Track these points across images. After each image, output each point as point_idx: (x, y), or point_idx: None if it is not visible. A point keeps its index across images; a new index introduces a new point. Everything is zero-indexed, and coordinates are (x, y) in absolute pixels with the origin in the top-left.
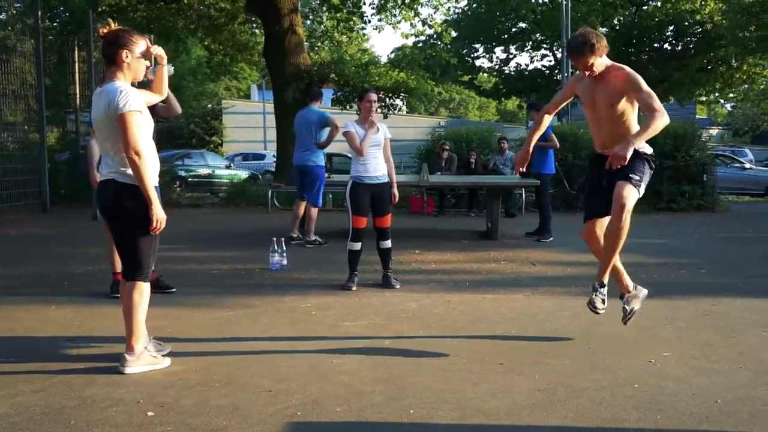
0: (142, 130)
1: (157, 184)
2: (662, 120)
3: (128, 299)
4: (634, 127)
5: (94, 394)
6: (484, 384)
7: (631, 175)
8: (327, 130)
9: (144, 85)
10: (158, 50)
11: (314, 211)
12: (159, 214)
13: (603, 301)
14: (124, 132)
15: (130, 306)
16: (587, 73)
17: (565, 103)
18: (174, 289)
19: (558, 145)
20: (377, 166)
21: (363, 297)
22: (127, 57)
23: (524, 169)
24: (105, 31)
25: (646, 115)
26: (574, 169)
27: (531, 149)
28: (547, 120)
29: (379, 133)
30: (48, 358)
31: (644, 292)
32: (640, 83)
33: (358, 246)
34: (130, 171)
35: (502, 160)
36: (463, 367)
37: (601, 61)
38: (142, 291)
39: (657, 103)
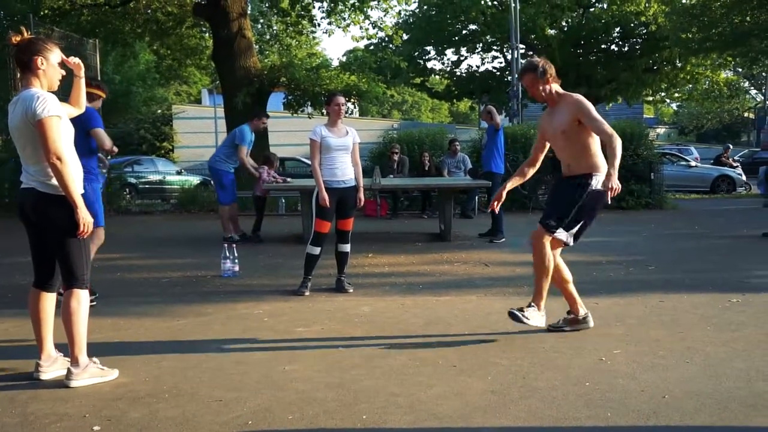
0: (63, 136)
1: (82, 191)
2: (618, 142)
3: (66, 308)
4: (593, 147)
5: (37, 409)
6: (437, 387)
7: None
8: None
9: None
10: (74, 60)
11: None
12: (85, 218)
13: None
14: (44, 138)
15: (69, 314)
16: (530, 93)
17: (545, 146)
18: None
19: None
20: (345, 171)
21: (316, 302)
22: (42, 64)
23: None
24: (18, 39)
25: (604, 141)
26: None
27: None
28: (531, 172)
29: (348, 137)
30: None
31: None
32: (590, 110)
33: (317, 251)
34: (52, 181)
35: (454, 162)
36: (416, 370)
37: (549, 88)
38: (80, 298)
39: (608, 127)
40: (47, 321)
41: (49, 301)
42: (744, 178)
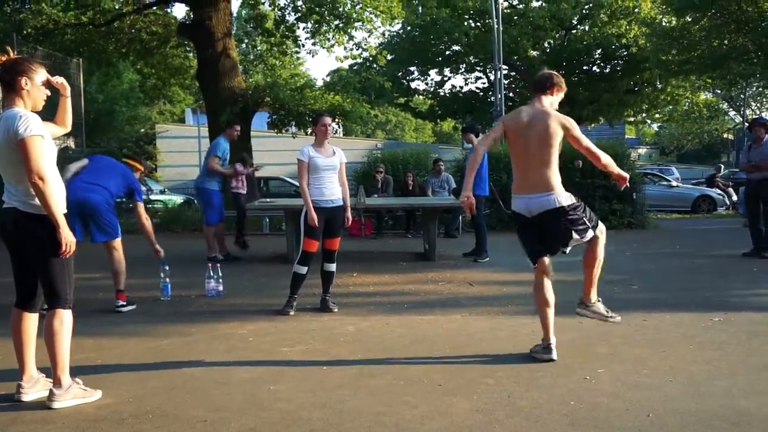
0: (46, 156)
1: (65, 211)
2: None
3: (48, 328)
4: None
5: None
6: (422, 406)
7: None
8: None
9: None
10: (60, 80)
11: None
12: (68, 237)
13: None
14: (26, 157)
15: (51, 335)
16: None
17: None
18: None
19: None
20: (333, 190)
21: (301, 322)
22: (26, 84)
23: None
24: (3, 59)
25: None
26: (509, 189)
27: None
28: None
29: (335, 157)
30: None
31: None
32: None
33: (304, 270)
34: (34, 201)
35: (438, 182)
36: (401, 389)
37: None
38: (62, 319)
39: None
40: (29, 341)
41: (31, 321)
42: (735, 198)
